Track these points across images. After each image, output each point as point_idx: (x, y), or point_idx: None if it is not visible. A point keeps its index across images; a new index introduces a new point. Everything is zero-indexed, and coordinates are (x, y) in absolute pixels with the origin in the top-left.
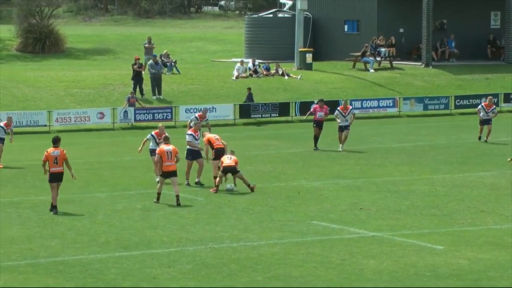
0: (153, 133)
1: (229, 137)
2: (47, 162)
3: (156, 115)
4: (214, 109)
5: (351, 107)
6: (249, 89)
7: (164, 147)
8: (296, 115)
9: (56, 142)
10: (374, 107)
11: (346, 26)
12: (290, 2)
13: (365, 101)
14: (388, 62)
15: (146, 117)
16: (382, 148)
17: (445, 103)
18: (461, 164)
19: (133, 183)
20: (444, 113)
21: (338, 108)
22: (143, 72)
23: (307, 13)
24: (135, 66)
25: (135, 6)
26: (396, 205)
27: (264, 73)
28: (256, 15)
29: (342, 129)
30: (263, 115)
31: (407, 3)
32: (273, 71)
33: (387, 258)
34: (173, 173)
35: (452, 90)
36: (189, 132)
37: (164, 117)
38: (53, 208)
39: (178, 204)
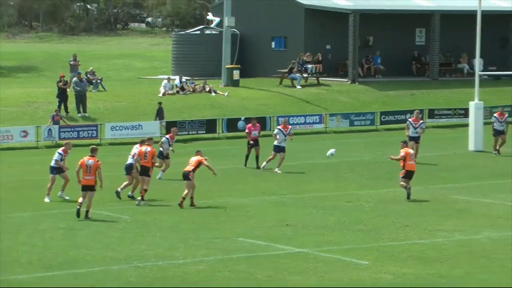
0: (59, 150)
1: None
2: None
3: (81, 133)
4: (140, 127)
5: (290, 126)
6: (160, 103)
7: (85, 159)
8: (223, 132)
9: None
10: (301, 123)
11: (273, 43)
12: (218, 19)
13: (292, 118)
14: (315, 78)
15: (70, 135)
16: (308, 164)
17: (371, 119)
18: (386, 180)
19: (56, 202)
20: (369, 129)
21: (279, 127)
22: (68, 90)
23: (234, 29)
24: (60, 84)
25: (61, 23)
26: (322, 221)
27: (191, 90)
28: (183, 32)
29: (281, 149)
30: (189, 132)
31: (333, 20)
32: (199, 88)
33: (312, 274)
34: (90, 188)
35: (378, 106)
36: (137, 146)
37: (89, 135)
38: None
39: (86, 217)
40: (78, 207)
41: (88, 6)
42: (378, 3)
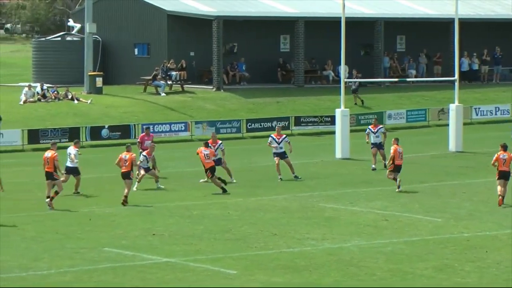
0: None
1: (16, 163)
2: None
3: None
4: (1, 135)
5: (220, 141)
6: None
7: None
8: (86, 140)
9: None
10: (166, 131)
11: (136, 50)
12: (79, 25)
13: (157, 125)
14: (179, 85)
15: None
16: (175, 172)
17: (237, 126)
18: (254, 188)
19: None
20: (236, 136)
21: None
22: None
23: (96, 36)
24: None
25: None
26: (189, 230)
27: (53, 97)
28: (43, 38)
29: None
30: (52, 140)
31: (197, 27)
32: (62, 95)
33: (180, 284)
34: None
35: (244, 113)
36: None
37: None
38: None
39: None
40: None
41: None
42: (242, 9)
